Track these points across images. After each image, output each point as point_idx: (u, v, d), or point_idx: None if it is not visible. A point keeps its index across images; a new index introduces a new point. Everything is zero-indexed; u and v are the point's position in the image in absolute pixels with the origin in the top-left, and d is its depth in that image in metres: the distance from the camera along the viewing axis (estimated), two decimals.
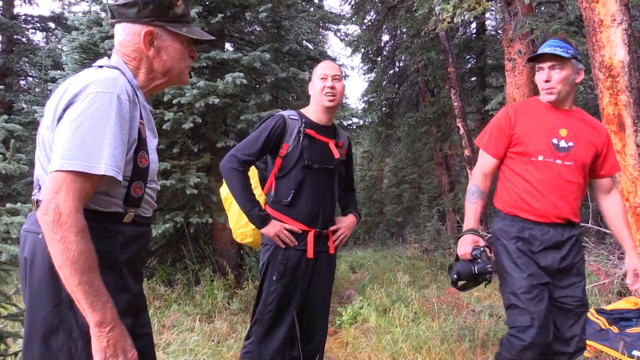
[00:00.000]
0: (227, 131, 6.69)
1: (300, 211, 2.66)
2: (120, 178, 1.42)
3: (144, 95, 1.64)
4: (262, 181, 2.81)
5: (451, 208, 12.59)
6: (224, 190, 2.82)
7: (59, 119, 1.43)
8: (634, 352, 3.50)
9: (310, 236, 2.67)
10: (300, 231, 2.65)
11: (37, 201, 1.50)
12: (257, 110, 6.30)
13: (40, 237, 1.44)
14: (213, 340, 4.47)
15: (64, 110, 1.42)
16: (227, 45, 7.78)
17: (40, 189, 1.52)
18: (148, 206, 1.63)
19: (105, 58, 1.65)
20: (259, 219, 2.59)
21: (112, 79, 1.48)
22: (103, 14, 6.44)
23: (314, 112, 2.78)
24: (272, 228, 2.60)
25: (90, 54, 6.06)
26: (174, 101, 5.59)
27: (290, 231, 2.63)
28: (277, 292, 2.62)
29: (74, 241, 1.31)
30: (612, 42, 4.63)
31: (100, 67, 1.58)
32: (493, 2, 6.84)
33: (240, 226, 2.81)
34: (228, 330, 4.78)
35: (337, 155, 2.74)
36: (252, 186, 2.68)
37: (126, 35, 1.61)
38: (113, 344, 1.36)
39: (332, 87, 2.71)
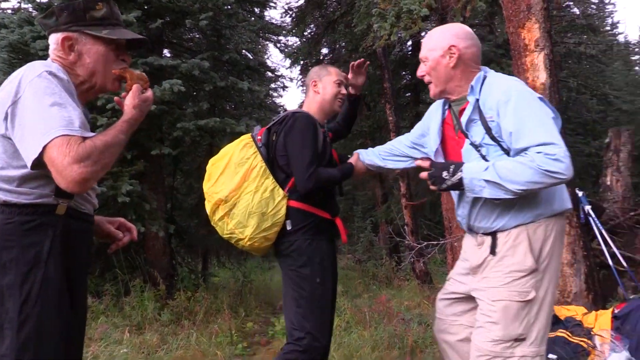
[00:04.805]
0: (162, 138, 6.58)
1: (324, 202, 2.68)
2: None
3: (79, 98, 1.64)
4: (282, 181, 2.64)
5: (384, 219, 12.86)
6: (221, 191, 2.55)
7: (5, 118, 1.47)
8: (550, 356, 3.71)
9: (339, 221, 2.73)
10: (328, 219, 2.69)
11: None
12: (194, 118, 6.24)
13: None
14: (143, 352, 4.37)
15: (12, 107, 1.46)
16: (166, 52, 7.66)
17: None
18: (84, 201, 1.61)
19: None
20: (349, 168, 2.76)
21: (43, 63, 1.54)
22: (35, 12, 6.20)
23: (318, 113, 2.79)
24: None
25: (20, 53, 5.82)
26: (108, 106, 5.45)
27: (322, 221, 2.64)
28: (330, 283, 2.65)
29: (91, 159, 1.42)
30: (536, 65, 4.93)
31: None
32: (428, 22, 7.11)
33: (263, 229, 2.54)
34: (158, 341, 4.68)
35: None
36: (271, 188, 2.57)
37: (52, 44, 1.64)
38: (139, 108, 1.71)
39: (344, 94, 2.86)
